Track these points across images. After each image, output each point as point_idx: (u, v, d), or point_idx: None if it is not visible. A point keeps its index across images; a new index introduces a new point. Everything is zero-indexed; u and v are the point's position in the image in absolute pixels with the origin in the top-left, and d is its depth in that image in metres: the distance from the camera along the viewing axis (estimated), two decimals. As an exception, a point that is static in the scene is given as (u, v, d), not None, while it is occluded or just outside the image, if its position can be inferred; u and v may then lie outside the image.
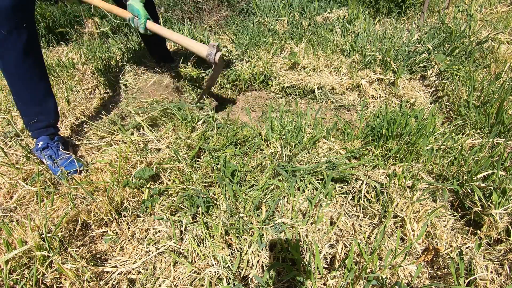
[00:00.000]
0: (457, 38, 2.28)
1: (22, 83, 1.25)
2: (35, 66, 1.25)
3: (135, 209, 1.12)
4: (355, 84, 1.96)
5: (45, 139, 1.32)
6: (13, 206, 1.14)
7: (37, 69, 1.27)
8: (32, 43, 1.21)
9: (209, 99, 1.88)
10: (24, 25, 1.16)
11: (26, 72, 1.23)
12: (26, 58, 1.20)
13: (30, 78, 1.25)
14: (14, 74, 1.22)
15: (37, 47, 1.26)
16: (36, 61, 1.26)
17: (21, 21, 1.15)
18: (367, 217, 1.11)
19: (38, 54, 1.26)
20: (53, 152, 1.30)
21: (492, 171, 1.18)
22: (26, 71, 1.23)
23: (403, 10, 3.09)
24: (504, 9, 3.00)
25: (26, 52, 1.19)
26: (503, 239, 1.04)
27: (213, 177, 1.21)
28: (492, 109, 1.56)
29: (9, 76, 1.23)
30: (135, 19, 1.45)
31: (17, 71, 1.21)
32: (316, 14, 2.83)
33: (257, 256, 0.95)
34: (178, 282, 0.91)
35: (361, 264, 0.93)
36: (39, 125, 1.33)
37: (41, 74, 1.29)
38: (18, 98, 1.29)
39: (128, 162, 1.25)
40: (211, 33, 2.85)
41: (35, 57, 1.25)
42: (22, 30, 1.16)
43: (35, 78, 1.27)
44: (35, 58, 1.25)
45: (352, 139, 1.42)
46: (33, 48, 1.22)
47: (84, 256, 0.95)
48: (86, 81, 1.96)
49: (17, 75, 1.23)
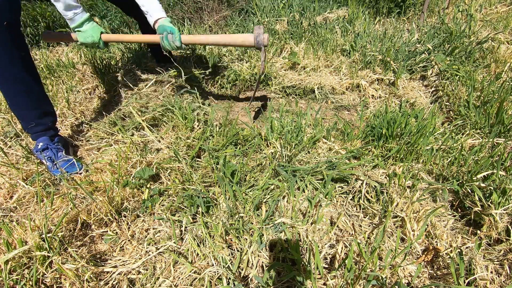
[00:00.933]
0: (457, 38, 2.28)
1: (15, 89, 1.20)
2: (25, 69, 1.20)
3: (135, 209, 1.12)
4: (355, 84, 1.96)
5: (45, 140, 1.32)
6: (13, 206, 1.14)
7: (28, 72, 1.22)
8: (17, 40, 1.15)
9: (208, 100, 1.88)
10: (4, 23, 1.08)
11: (17, 75, 1.18)
12: (14, 63, 1.15)
13: (23, 80, 1.20)
14: (6, 79, 1.17)
15: (24, 50, 1.20)
16: (25, 63, 1.20)
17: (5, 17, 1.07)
18: (367, 217, 1.11)
19: (26, 54, 1.21)
20: (53, 153, 1.30)
21: (492, 171, 1.18)
22: (16, 74, 1.18)
23: (403, 10, 3.09)
24: (504, 9, 3.00)
25: (14, 53, 1.14)
26: (503, 239, 1.04)
27: (213, 177, 1.21)
28: (492, 109, 1.56)
29: (1, 83, 1.18)
30: (169, 36, 1.40)
31: (7, 78, 1.17)
32: (316, 14, 2.83)
33: (257, 256, 0.95)
34: (178, 282, 0.91)
35: (361, 264, 0.93)
36: (37, 129, 1.31)
37: (33, 78, 1.24)
38: (12, 103, 1.25)
39: (128, 162, 1.25)
40: (211, 33, 2.85)
41: (24, 59, 1.19)
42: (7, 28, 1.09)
43: (27, 80, 1.22)
44: (24, 60, 1.20)
45: (352, 139, 1.42)
46: (19, 47, 1.16)
47: (84, 256, 0.95)
48: (86, 81, 1.96)
49: (9, 80, 1.18)
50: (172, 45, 1.41)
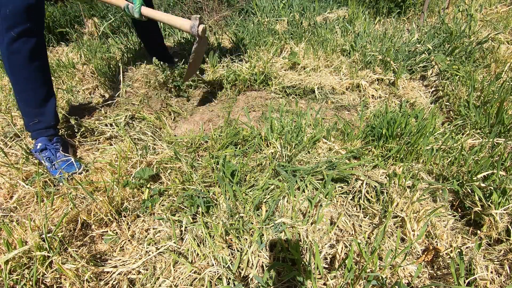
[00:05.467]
0: (457, 38, 2.28)
1: (25, 85, 1.27)
2: (39, 70, 1.28)
3: (135, 209, 1.12)
4: (355, 84, 1.96)
5: (44, 140, 1.33)
6: (13, 206, 1.14)
7: (41, 73, 1.30)
8: (39, 47, 1.25)
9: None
10: (34, 29, 1.20)
11: (30, 75, 1.26)
12: (31, 62, 1.24)
13: (34, 80, 1.28)
14: (18, 76, 1.25)
15: (43, 51, 1.29)
16: (41, 65, 1.29)
17: (32, 25, 1.19)
18: (367, 217, 1.11)
19: (43, 59, 1.30)
20: (51, 153, 1.30)
21: (492, 171, 1.18)
22: (30, 74, 1.26)
23: (403, 10, 3.09)
24: (504, 9, 3.00)
25: (32, 56, 1.23)
26: (503, 239, 1.04)
27: (213, 177, 1.21)
28: (492, 109, 1.56)
29: (13, 77, 1.25)
30: (130, 5, 1.50)
31: (21, 73, 1.24)
32: (316, 14, 2.83)
33: (257, 256, 0.95)
34: (178, 282, 0.91)
35: (361, 264, 0.93)
36: (38, 126, 1.34)
37: (44, 78, 1.32)
38: (19, 98, 1.31)
39: (128, 162, 1.25)
40: (211, 33, 2.85)
41: (41, 61, 1.28)
42: (31, 34, 1.20)
43: (38, 81, 1.29)
44: (40, 62, 1.28)
45: (352, 139, 1.42)
46: (39, 53, 1.26)
47: (84, 256, 0.95)
48: (86, 81, 1.96)
49: (21, 77, 1.25)
50: (131, 15, 1.51)
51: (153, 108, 1.71)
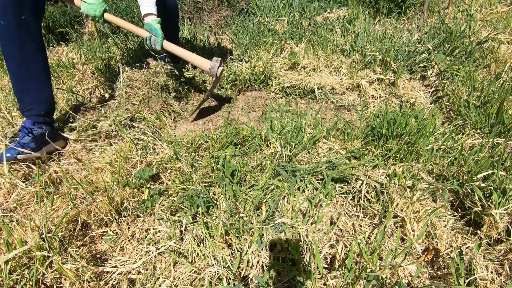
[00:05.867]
0: (457, 38, 2.28)
1: (19, 73, 1.32)
2: (33, 59, 1.32)
3: (135, 209, 1.12)
4: (355, 84, 1.96)
5: (27, 122, 1.37)
6: (13, 206, 1.14)
7: (36, 62, 1.33)
8: (31, 36, 1.28)
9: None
10: (23, 17, 1.22)
11: (23, 63, 1.30)
12: (23, 49, 1.27)
13: (27, 69, 1.32)
14: (13, 65, 1.30)
15: (38, 40, 1.32)
16: (35, 53, 1.32)
17: (20, 13, 1.21)
18: (367, 217, 1.11)
19: (38, 46, 1.32)
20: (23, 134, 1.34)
21: (492, 171, 1.18)
22: (23, 62, 1.30)
23: (403, 10, 3.10)
24: (504, 9, 3.00)
25: (24, 45, 1.26)
26: (503, 239, 1.04)
27: (213, 177, 1.21)
28: (492, 109, 1.56)
29: (8, 64, 1.31)
30: (153, 38, 1.50)
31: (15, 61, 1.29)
32: (316, 14, 2.84)
33: (257, 256, 0.95)
34: (178, 282, 0.91)
35: (361, 264, 0.93)
36: (30, 113, 1.39)
37: (38, 67, 1.35)
38: (15, 86, 1.36)
39: (128, 162, 1.25)
40: (211, 33, 2.85)
41: (33, 49, 1.31)
42: (21, 23, 1.23)
43: (33, 70, 1.33)
44: (33, 50, 1.31)
45: (352, 139, 1.42)
46: (32, 41, 1.29)
47: (84, 256, 0.95)
48: (86, 81, 1.96)
49: (16, 65, 1.30)
50: (153, 47, 1.51)
51: (153, 108, 1.71)
